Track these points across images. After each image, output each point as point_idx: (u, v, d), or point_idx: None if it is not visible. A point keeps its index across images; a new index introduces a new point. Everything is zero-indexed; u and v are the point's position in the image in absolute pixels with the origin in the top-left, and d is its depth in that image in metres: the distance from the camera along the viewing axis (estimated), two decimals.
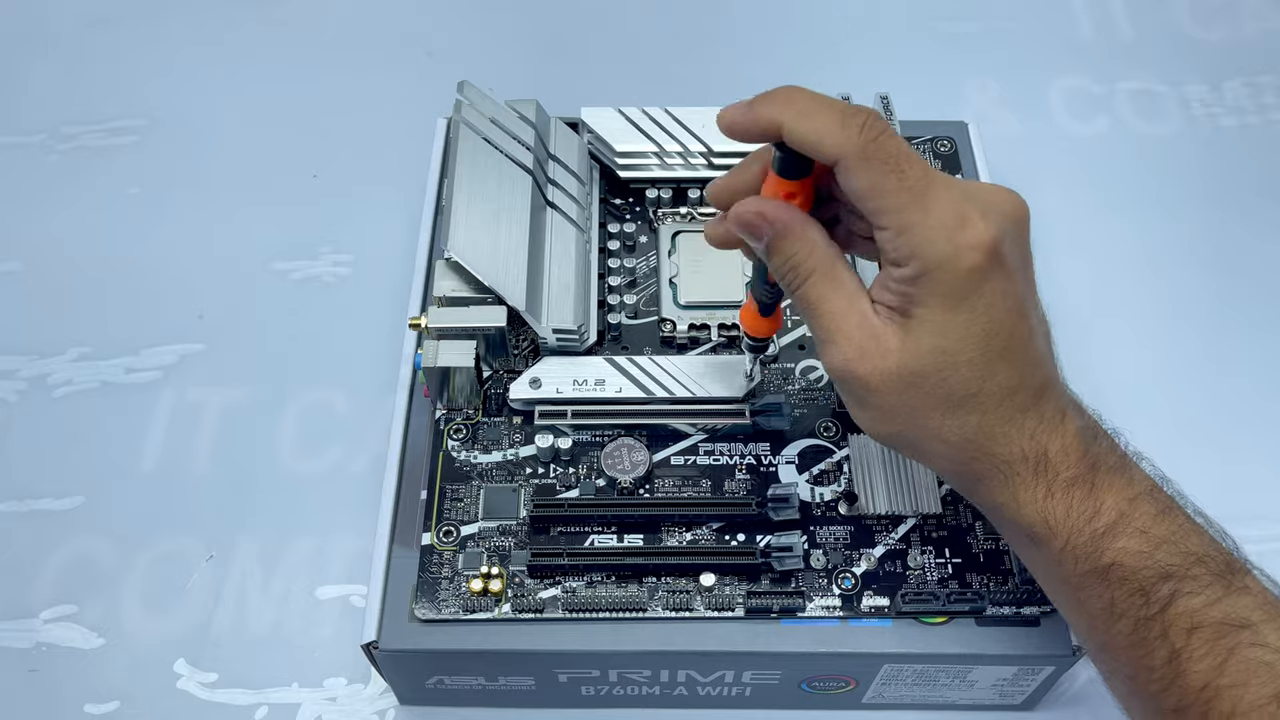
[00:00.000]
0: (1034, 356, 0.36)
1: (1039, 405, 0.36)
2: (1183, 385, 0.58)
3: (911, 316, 0.35)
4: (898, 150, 0.35)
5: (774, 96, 0.36)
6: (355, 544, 0.53)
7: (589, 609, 0.43)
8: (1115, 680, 0.38)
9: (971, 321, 0.35)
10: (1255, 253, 0.63)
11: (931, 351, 0.35)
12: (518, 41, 0.73)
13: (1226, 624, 0.34)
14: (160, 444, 0.56)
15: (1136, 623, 0.35)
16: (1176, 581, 0.35)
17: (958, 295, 0.35)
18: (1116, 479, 0.36)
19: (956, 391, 0.35)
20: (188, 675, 0.50)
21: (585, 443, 0.47)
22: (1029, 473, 0.36)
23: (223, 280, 0.62)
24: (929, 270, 0.34)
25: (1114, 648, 0.36)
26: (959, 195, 0.35)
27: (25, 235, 0.64)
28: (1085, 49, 0.73)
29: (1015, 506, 0.37)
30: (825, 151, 0.35)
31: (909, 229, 0.34)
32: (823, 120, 0.35)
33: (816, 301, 0.37)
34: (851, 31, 0.74)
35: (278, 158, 0.67)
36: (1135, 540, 0.35)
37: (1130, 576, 0.35)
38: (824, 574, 0.44)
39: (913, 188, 0.34)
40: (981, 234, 0.34)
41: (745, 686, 0.46)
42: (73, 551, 0.53)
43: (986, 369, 0.35)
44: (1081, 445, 0.36)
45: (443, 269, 0.47)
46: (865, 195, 0.35)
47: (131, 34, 0.73)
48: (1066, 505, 0.36)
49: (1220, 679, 0.33)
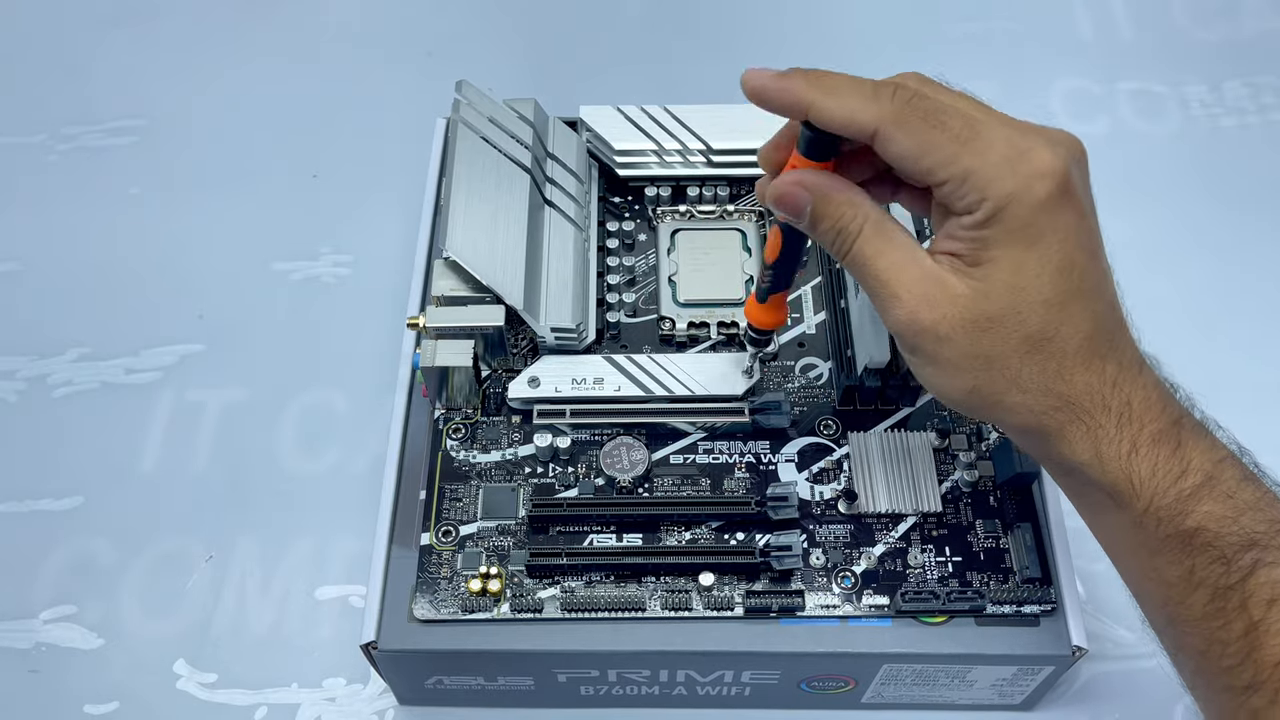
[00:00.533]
0: (1109, 298, 0.35)
1: (1117, 351, 0.35)
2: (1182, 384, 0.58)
3: (983, 261, 0.34)
4: (935, 106, 0.34)
5: (804, 75, 0.35)
6: (354, 544, 0.53)
7: (588, 609, 0.43)
8: (1183, 656, 0.36)
9: (1046, 257, 0.33)
10: (1255, 252, 0.63)
11: (1006, 290, 0.34)
12: (517, 41, 0.73)
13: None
14: (160, 444, 0.57)
15: (1215, 592, 0.34)
16: (1260, 550, 0.33)
17: (1032, 230, 0.33)
18: (1201, 438, 0.35)
19: (1034, 333, 0.34)
20: (187, 675, 0.50)
21: (584, 442, 0.47)
22: (1112, 425, 0.34)
23: (223, 280, 0.62)
24: (1001, 208, 0.33)
25: (1187, 620, 0.35)
26: (1014, 133, 0.34)
27: (25, 235, 0.64)
28: (1085, 49, 0.73)
29: (1098, 464, 0.34)
30: (861, 124, 0.34)
31: (970, 175, 0.33)
32: (852, 95, 0.34)
33: (872, 257, 0.35)
34: (851, 31, 0.74)
35: (278, 158, 0.67)
36: (1221, 505, 0.33)
37: (1214, 542, 0.33)
38: (824, 573, 0.44)
39: (960, 135, 0.33)
40: (1049, 162, 0.33)
41: (744, 686, 0.46)
42: (72, 552, 0.53)
43: (1063, 309, 0.34)
44: (1163, 397, 0.35)
45: (441, 268, 0.47)
46: (914, 156, 0.34)
47: (131, 34, 0.73)
48: (1152, 463, 0.34)
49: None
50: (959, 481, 0.46)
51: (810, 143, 0.36)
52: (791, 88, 0.35)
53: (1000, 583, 0.44)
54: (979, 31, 0.73)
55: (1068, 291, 0.34)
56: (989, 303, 0.34)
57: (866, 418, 0.48)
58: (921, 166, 0.34)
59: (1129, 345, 0.36)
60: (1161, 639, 0.37)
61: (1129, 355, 0.35)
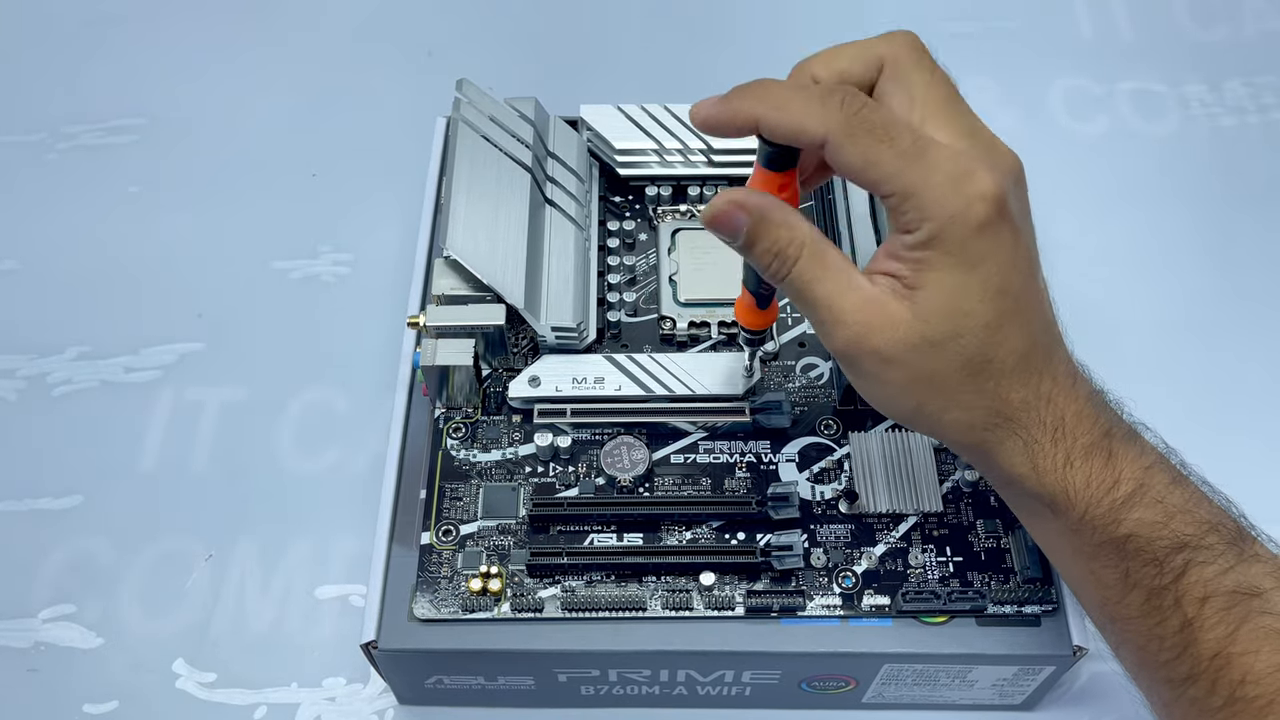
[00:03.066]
0: (1045, 316, 0.36)
1: (1051, 367, 0.36)
2: (1183, 385, 0.58)
3: (922, 285, 0.34)
4: (883, 119, 0.34)
5: (748, 90, 0.36)
6: (354, 543, 0.53)
7: (588, 608, 0.43)
8: (1125, 650, 0.38)
9: (985, 281, 0.34)
10: (1256, 252, 0.63)
11: (946, 314, 0.34)
12: (517, 40, 0.73)
13: (1239, 592, 0.34)
14: (159, 443, 0.56)
15: (1150, 593, 0.35)
16: (1190, 551, 0.34)
17: (971, 253, 0.34)
18: (1131, 447, 0.36)
19: (974, 356, 0.35)
20: (187, 675, 0.50)
21: (584, 441, 0.47)
22: (1048, 439, 0.35)
23: (222, 279, 0.62)
24: (942, 228, 0.34)
25: (1126, 619, 0.36)
26: (957, 151, 0.34)
27: (24, 234, 0.64)
28: (1085, 49, 0.73)
29: (1035, 476, 0.36)
30: (810, 134, 0.34)
31: (913, 192, 0.34)
32: (800, 106, 0.34)
33: (810, 283, 0.36)
34: (851, 31, 0.73)
35: (277, 157, 0.67)
36: (1151, 510, 0.35)
37: (1146, 547, 0.35)
38: (824, 573, 0.44)
39: (907, 152, 0.34)
40: (987, 185, 0.34)
41: (745, 686, 0.46)
42: (72, 551, 0.53)
43: (1001, 331, 0.35)
44: (1094, 410, 0.36)
45: (441, 267, 0.47)
46: (861, 168, 0.34)
47: (131, 34, 0.73)
48: (1086, 474, 0.35)
49: (1232, 647, 0.33)
50: (960, 481, 0.46)
51: (768, 156, 0.36)
52: (739, 108, 0.35)
53: (1001, 583, 0.44)
54: (979, 31, 0.73)
55: (1005, 313, 0.35)
56: (929, 327, 0.34)
57: (867, 417, 0.48)
58: (868, 179, 0.34)
59: (1063, 360, 0.36)
60: (1104, 635, 0.38)
61: (1063, 370, 0.36)
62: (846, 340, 0.36)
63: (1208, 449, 0.56)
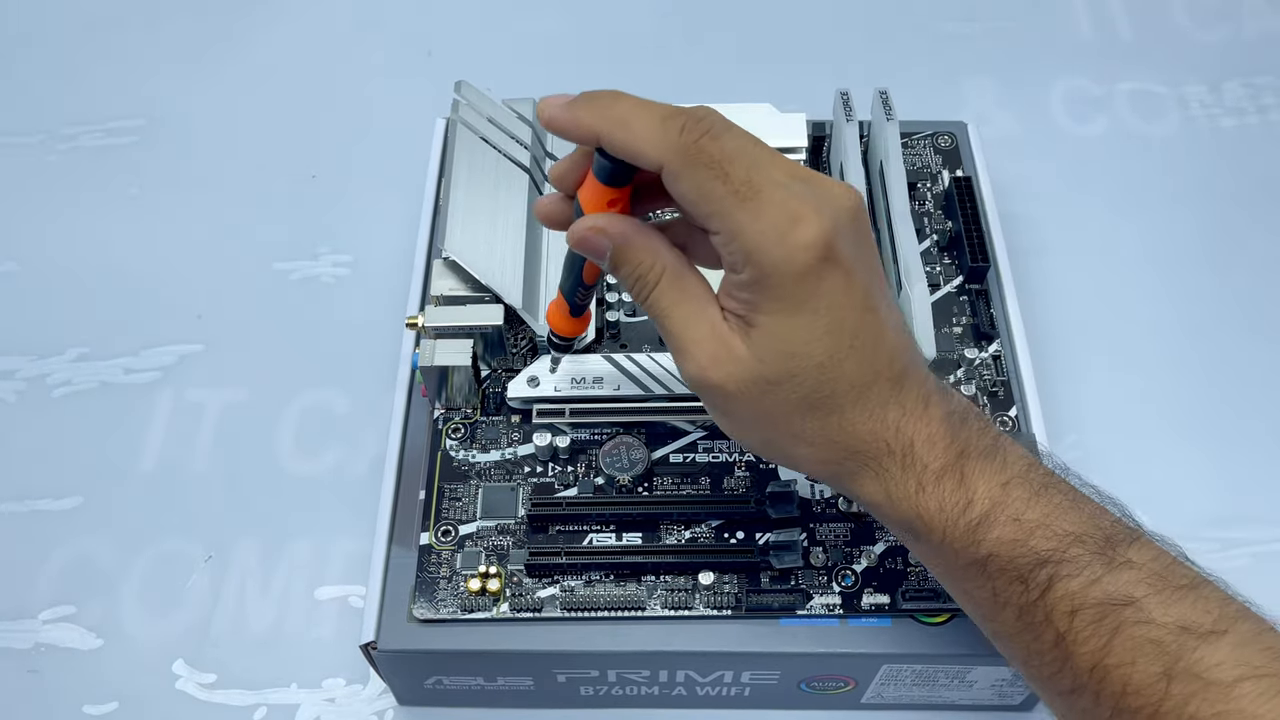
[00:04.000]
0: (888, 349, 0.35)
1: (899, 396, 0.35)
2: (1181, 385, 0.58)
3: (755, 325, 0.34)
4: (721, 152, 0.33)
5: (594, 102, 0.35)
6: (354, 544, 0.53)
7: (587, 608, 0.43)
8: (1014, 664, 0.38)
9: (814, 323, 0.34)
10: (1255, 253, 0.63)
11: (779, 357, 0.34)
12: (517, 41, 0.73)
13: (1108, 603, 0.34)
14: (159, 444, 0.56)
15: (1020, 610, 0.35)
16: (1054, 565, 0.34)
17: (796, 299, 0.34)
18: (988, 465, 0.36)
19: (811, 395, 0.35)
20: (186, 676, 0.50)
21: (583, 441, 0.47)
22: (897, 467, 0.35)
23: (222, 280, 0.62)
24: (765, 275, 0.33)
25: (1005, 634, 0.36)
26: (789, 194, 0.34)
27: (24, 235, 0.64)
28: (1085, 49, 0.73)
29: (890, 504, 0.36)
30: (647, 159, 0.34)
31: (739, 234, 0.33)
32: (641, 127, 0.34)
33: (666, 310, 0.36)
34: (851, 31, 0.74)
35: (277, 158, 0.67)
36: (1009, 529, 0.35)
37: (1008, 566, 0.35)
38: (824, 571, 0.44)
39: (739, 191, 0.33)
40: (814, 233, 0.33)
41: (744, 686, 0.46)
42: (72, 552, 0.53)
43: (838, 369, 0.34)
44: (948, 432, 0.36)
45: (440, 268, 0.47)
46: (692, 201, 0.34)
47: (131, 34, 0.73)
48: (939, 499, 0.35)
49: (1108, 659, 0.33)
50: None
51: (604, 170, 0.36)
52: (581, 118, 0.35)
53: None
54: (979, 31, 0.73)
55: (840, 351, 0.34)
56: (765, 367, 0.34)
57: None
58: (698, 212, 0.34)
59: (915, 384, 0.36)
60: (996, 646, 0.38)
61: (913, 396, 0.36)
62: (693, 371, 0.36)
63: (1208, 449, 0.56)
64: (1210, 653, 0.32)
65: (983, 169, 0.56)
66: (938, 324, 0.50)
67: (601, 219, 0.36)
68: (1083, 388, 0.57)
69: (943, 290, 0.52)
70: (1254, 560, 0.52)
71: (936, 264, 0.53)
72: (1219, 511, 0.54)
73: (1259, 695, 0.31)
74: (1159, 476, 0.55)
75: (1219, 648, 0.32)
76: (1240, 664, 0.32)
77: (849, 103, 0.54)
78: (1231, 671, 0.32)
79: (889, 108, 0.53)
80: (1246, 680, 0.32)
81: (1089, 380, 0.58)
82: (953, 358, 0.50)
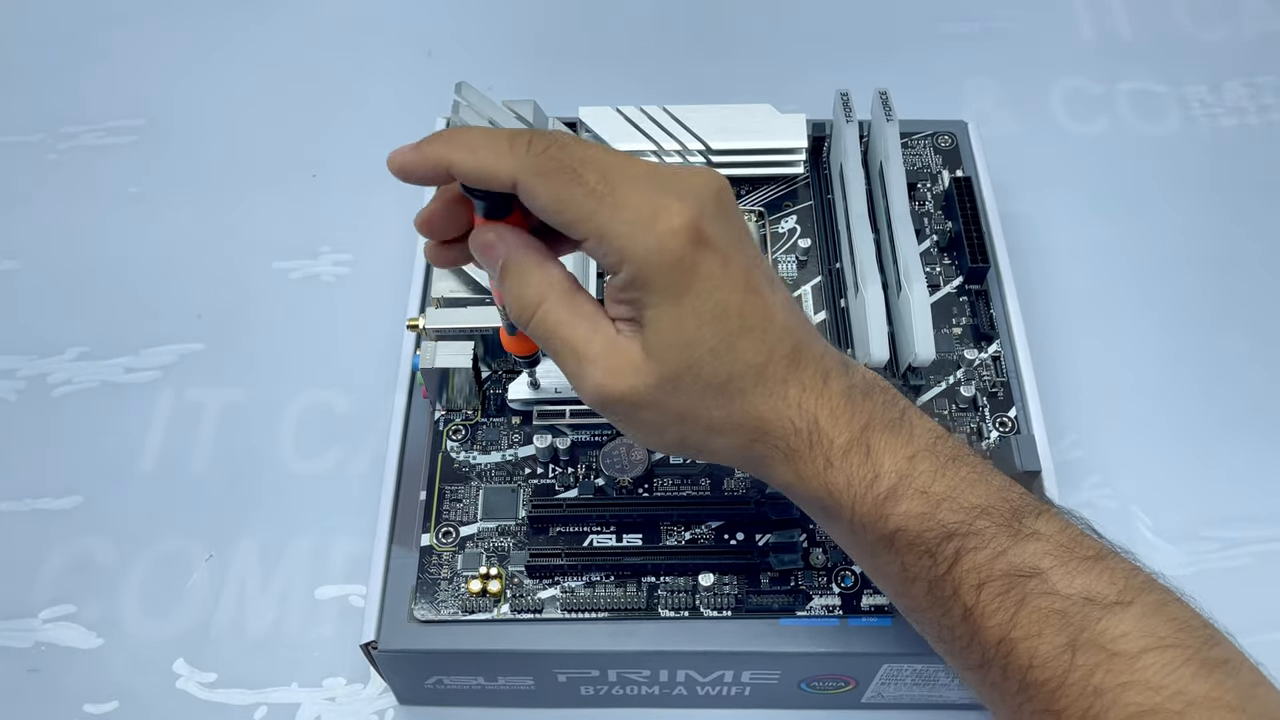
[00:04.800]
0: (777, 327, 0.35)
1: (797, 373, 0.35)
2: (1181, 385, 0.58)
3: (644, 322, 0.34)
4: (571, 158, 0.33)
5: (440, 136, 0.35)
6: (354, 544, 0.53)
7: (588, 609, 0.43)
8: (928, 640, 0.38)
9: (699, 308, 0.34)
10: (1256, 252, 0.63)
11: (674, 349, 0.34)
12: (517, 41, 0.73)
13: (1014, 575, 0.34)
14: (159, 444, 0.56)
15: (930, 585, 0.35)
16: (960, 539, 0.34)
17: (677, 287, 0.34)
18: (893, 438, 0.35)
19: (712, 382, 0.35)
20: (187, 675, 0.50)
21: (584, 442, 0.47)
22: (804, 445, 0.35)
23: (222, 280, 0.62)
24: (640, 269, 0.33)
25: (917, 610, 0.36)
26: (648, 187, 0.34)
27: (24, 234, 0.64)
28: (1085, 49, 0.73)
29: (801, 483, 0.36)
30: (498, 177, 0.34)
31: (604, 234, 0.33)
32: (488, 149, 0.34)
33: (555, 327, 0.35)
34: (851, 31, 0.74)
35: (277, 157, 0.67)
36: (916, 502, 0.35)
37: (916, 540, 0.35)
38: (824, 572, 0.44)
39: (596, 191, 0.33)
40: (679, 219, 0.33)
41: (744, 686, 0.46)
42: (72, 551, 0.53)
43: (731, 351, 0.34)
44: (849, 406, 0.35)
45: (440, 270, 0.47)
46: (552, 210, 0.34)
47: (131, 34, 0.73)
48: (846, 474, 0.35)
49: (1014, 632, 0.33)
50: None
51: (480, 206, 0.36)
52: (429, 153, 0.35)
53: None
54: (979, 31, 0.73)
55: (730, 333, 0.34)
56: (664, 365, 0.34)
57: None
58: (561, 221, 0.34)
59: (813, 360, 0.36)
60: (911, 623, 0.38)
61: (810, 372, 0.36)
62: (595, 386, 0.35)
63: (1208, 449, 0.56)
64: (1115, 624, 0.32)
65: (983, 169, 0.56)
66: (938, 324, 0.50)
67: (497, 228, 0.36)
68: (1083, 388, 0.57)
69: (943, 291, 0.52)
70: (1254, 560, 0.53)
71: (936, 264, 0.53)
72: (1219, 511, 0.54)
73: (1163, 666, 0.32)
74: (1159, 476, 0.55)
75: (1124, 619, 0.33)
76: (1145, 634, 0.32)
77: (849, 103, 0.54)
78: (1137, 642, 0.32)
79: (889, 108, 0.53)
80: (1150, 651, 0.32)
81: (1089, 380, 0.58)
82: (953, 358, 0.50)
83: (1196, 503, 0.54)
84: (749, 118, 0.54)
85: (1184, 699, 0.31)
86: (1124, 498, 0.54)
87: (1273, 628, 0.49)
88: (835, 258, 0.53)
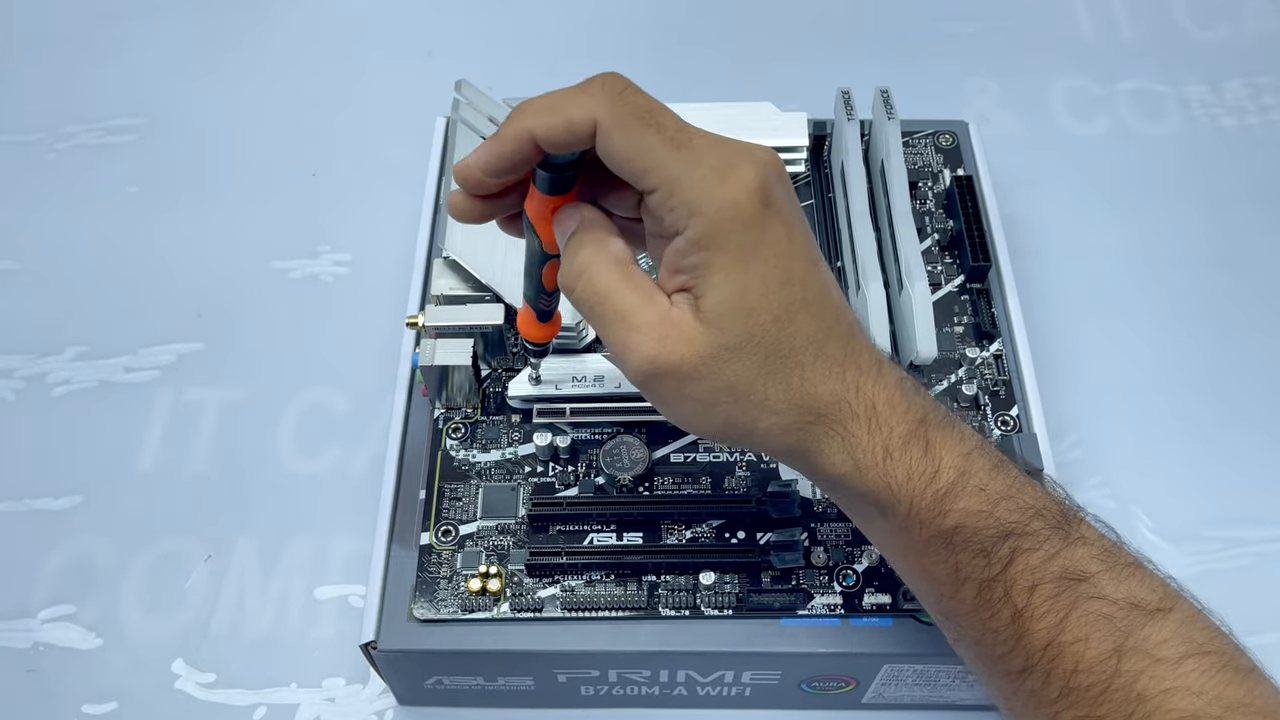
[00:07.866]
0: (834, 305, 0.35)
1: (854, 355, 0.35)
2: (1182, 385, 0.58)
3: (706, 290, 0.33)
4: (648, 104, 0.33)
5: (510, 117, 0.34)
6: (354, 544, 0.53)
7: (588, 608, 0.43)
8: (963, 646, 0.37)
9: (766, 273, 0.33)
10: (1255, 253, 0.63)
11: (737, 315, 0.33)
12: (517, 41, 0.73)
13: (1066, 578, 0.33)
14: (158, 444, 0.56)
15: (980, 585, 0.34)
16: (1016, 539, 0.34)
17: (747, 247, 0.33)
18: (948, 434, 0.35)
19: (772, 352, 0.33)
20: (186, 675, 0.50)
21: (584, 440, 0.47)
22: (863, 430, 0.34)
23: (221, 279, 0.62)
24: (711, 225, 0.33)
25: (961, 613, 0.36)
26: (721, 144, 0.33)
27: (23, 234, 0.64)
28: (1085, 49, 0.73)
29: (858, 474, 0.35)
30: (579, 122, 0.33)
31: (679, 184, 0.32)
32: (563, 101, 0.33)
33: (606, 294, 0.34)
34: (852, 31, 0.74)
35: (277, 157, 0.67)
36: (976, 499, 0.34)
37: (973, 538, 0.34)
38: (825, 571, 0.44)
39: (674, 138, 0.33)
40: (751, 177, 0.33)
41: (745, 686, 0.46)
42: (71, 551, 0.53)
43: (793, 321, 0.34)
44: (904, 397, 0.35)
45: (440, 267, 0.47)
46: (629, 156, 0.33)
47: (131, 34, 0.73)
48: (907, 467, 0.34)
49: (1062, 636, 0.33)
50: None
51: (545, 181, 0.35)
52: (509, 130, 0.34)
53: None
54: (979, 31, 0.73)
55: (794, 303, 0.34)
56: (724, 335, 0.33)
57: None
58: (635, 168, 0.33)
59: (864, 348, 0.35)
60: (943, 630, 0.38)
61: (866, 358, 0.35)
62: (645, 357, 0.34)
63: (1209, 449, 0.56)
64: (1157, 630, 0.33)
65: (984, 168, 0.56)
66: (939, 323, 0.50)
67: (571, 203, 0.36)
68: (1083, 387, 0.57)
69: (944, 289, 0.52)
70: (1255, 560, 0.52)
71: (938, 263, 0.53)
72: (1219, 511, 0.54)
73: (1203, 672, 0.32)
74: (1160, 476, 0.55)
75: (1165, 625, 0.33)
76: (1185, 641, 0.32)
77: (850, 102, 0.54)
78: (1178, 648, 0.32)
79: (890, 107, 0.53)
80: (1191, 657, 0.32)
81: (1089, 380, 0.58)
82: (954, 357, 0.50)
83: (1198, 502, 0.54)
84: (750, 116, 0.54)
85: (1223, 704, 0.31)
86: (1124, 498, 0.54)
87: (1274, 628, 0.49)
88: (837, 256, 0.53)
